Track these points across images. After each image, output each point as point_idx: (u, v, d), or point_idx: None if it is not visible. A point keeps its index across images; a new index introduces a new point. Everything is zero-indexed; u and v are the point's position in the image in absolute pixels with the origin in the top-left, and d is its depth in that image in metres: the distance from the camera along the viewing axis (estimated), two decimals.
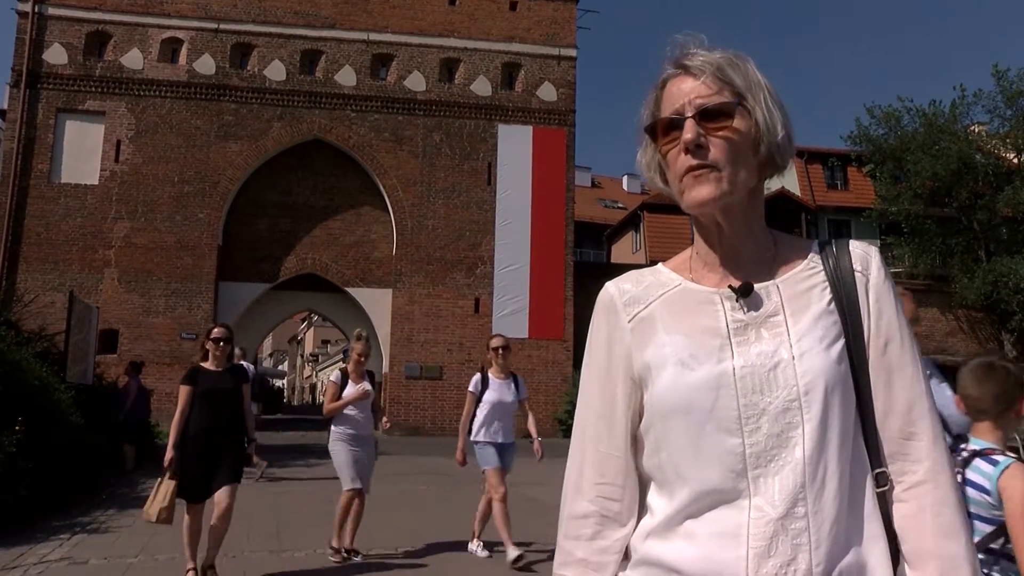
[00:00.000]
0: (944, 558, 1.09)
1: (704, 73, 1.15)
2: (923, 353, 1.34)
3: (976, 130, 30.00)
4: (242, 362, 12.62)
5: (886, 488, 1.13)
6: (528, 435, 6.94)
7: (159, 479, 5.64)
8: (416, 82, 24.66)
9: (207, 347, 6.01)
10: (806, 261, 1.22)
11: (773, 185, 31.10)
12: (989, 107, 29.85)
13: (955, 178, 28.45)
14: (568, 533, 1.24)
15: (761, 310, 1.16)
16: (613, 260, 37.08)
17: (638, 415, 1.22)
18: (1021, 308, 27.32)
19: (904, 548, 1.12)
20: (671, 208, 32.25)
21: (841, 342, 1.14)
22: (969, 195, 28.95)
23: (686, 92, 1.16)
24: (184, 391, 5.81)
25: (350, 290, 24.20)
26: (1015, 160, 29.79)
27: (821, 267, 1.20)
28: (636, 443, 1.23)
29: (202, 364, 5.99)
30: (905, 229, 29.71)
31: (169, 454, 5.64)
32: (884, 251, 31.31)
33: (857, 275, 1.19)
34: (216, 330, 6.07)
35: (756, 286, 1.17)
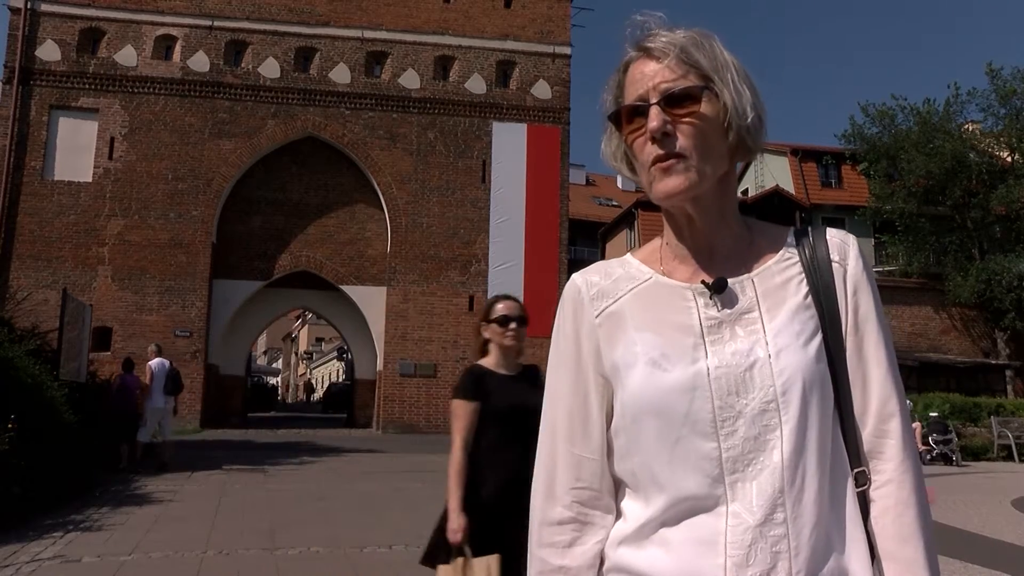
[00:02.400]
0: (901, 562, 1.06)
1: (667, 55, 1.08)
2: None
3: (970, 128, 30.13)
4: (160, 359, 12.73)
5: (865, 488, 1.08)
6: None
7: (445, 563, 3.14)
8: (410, 80, 24.63)
9: (487, 334, 3.46)
10: (782, 252, 1.15)
11: (767, 183, 31.16)
12: (983, 106, 30.06)
13: (949, 176, 28.56)
14: (543, 541, 1.17)
15: (736, 307, 1.10)
16: (607, 258, 37.08)
17: (608, 416, 1.16)
18: (1014, 306, 27.41)
19: (876, 549, 1.08)
20: None
21: (819, 337, 1.09)
22: (963, 193, 29.06)
23: (649, 76, 1.08)
24: (467, 410, 3.28)
25: (344, 288, 24.17)
26: (1008, 158, 29.92)
27: (797, 258, 1.14)
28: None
29: (482, 363, 3.45)
30: (899, 227, 29.82)
31: (458, 520, 3.12)
32: (878, 249, 31.45)
33: (835, 265, 1.13)
34: (502, 304, 3.50)
35: (730, 281, 1.11)
